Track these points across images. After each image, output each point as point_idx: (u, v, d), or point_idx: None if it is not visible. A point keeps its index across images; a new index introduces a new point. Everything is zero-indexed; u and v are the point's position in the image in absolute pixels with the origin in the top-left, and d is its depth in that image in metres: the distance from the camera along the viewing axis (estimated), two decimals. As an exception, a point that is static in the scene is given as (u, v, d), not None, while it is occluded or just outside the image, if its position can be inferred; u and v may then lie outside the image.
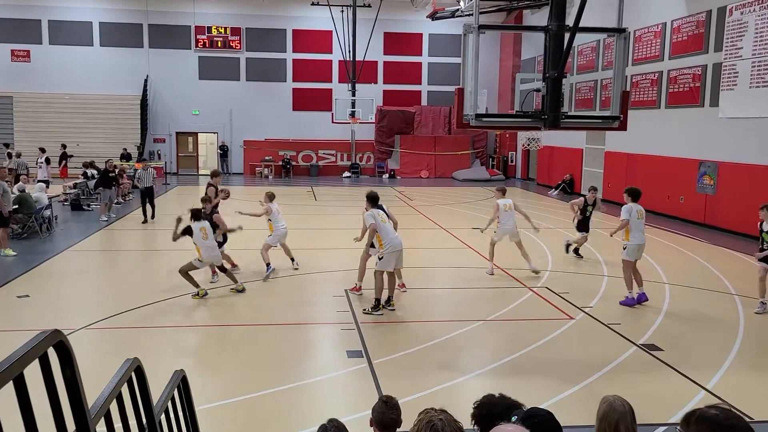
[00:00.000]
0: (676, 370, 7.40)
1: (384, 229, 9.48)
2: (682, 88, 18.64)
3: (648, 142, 20.13)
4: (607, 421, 3.39)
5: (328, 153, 33.03)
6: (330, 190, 26.77)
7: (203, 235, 9.97)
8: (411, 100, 33.39)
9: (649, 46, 20.31)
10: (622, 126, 7.67)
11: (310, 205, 22.27)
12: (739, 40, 16.17)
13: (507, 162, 32.67)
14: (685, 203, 18.32)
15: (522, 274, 11.77)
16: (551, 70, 7.25)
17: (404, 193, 25.31)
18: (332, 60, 32.57)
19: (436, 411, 3.00)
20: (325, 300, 10.30)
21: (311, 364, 7.65)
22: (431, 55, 33.27)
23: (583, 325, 9.12)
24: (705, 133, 17.52)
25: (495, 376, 7.35)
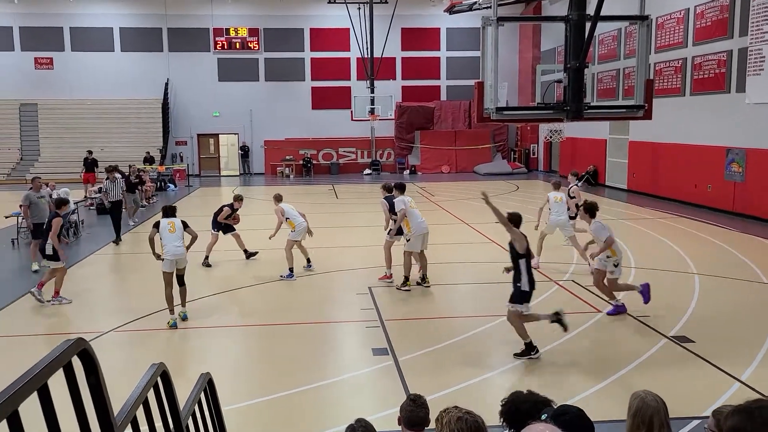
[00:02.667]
0: (708, 362, 7.26)
1: (412, 213, 10.39)
2: (707, 75, 18.29)
3: (673, 131, 19.80)
4: (640, 416, 3.32)
5: (348, 151, 33.04)
6: (351, 188, 26.78)
7: (170, 228, 9.20)
8: (430, 96, 33.25)
9: (672, 32, 19.95)
10: (647, 115, 7.54)
11: (332, 203, 22.30)
12: (765, 24, 15.80)
13: (529, 155, 32.38)
14: (712, 192, 17.99)
15: (548, 268, 11.63)
16: (572, 61, 7.14)
17: (426, 189, 25.22)
18: (350, 57, 32.56)
19: (457, 409, 2.98)
20: (349, 298, 10.28)
21: (337, 363, 7.64)
22: (449, 49, 33.09)
23: (612, 319, 8.99)
24: (732, 120, 17.18)
25: (523, 371, 7.27)
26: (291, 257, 11.45)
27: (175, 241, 9.07)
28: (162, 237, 9.07)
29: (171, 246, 9.01)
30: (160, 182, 26.18)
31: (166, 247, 9.04)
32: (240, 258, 12.81)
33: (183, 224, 9.21)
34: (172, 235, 9.06)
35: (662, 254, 12.95)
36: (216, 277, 11.78)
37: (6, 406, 0.99)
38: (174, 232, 9.11)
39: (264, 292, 10.55)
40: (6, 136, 30.65)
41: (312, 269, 12.04)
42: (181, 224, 9.19)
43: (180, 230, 9.17)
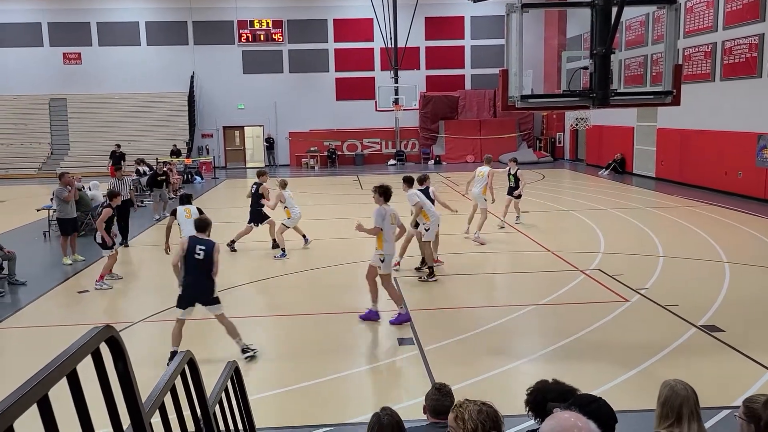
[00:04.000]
0: (739, 351, 7.14)
1: (428, 204, 10.59)
2: (737, 59, 17.89)
3: (702, 117, 19.42)
4: (669, 405, 3.30)
5: (372, 141, 33.03)
6: (376, 179, 26.71)
7: (187, 214, 9.92)
8: (454, 85, 33.05)
9: (701, 16, 19.54)
10: (676, 101, 7.40)
11: (357, 194, 22.33)
12: (798, 6, 15.41)
13: (555, 143, 32.04)
14: (743, 178, 17.64)
15: (574, 258, 11.53)
16: (599, 47, 7.04)
17: (450, 179, 25.12)
18: (374, 48, 32.49)
19: (473, 403, 2.98)
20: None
21: (363, 353, 7.68)
22: (474, 38, 32.83)
23: (639, 308, 8.89)
24: (764, 105, 16.78)
25: (548, 361, 7.23)
26: (282, 240, 12.26)
27: (190, 225, 9.11)
28: (180, 223, 9.44)
29: (188, 230, 9.06)
30: (186, 175, 26.48)
31: (184, 231, 9.26)
32: (265, 248, 12.92)
33: (198, 211, 9.43)
34: (189, 221, 9.35)
35: (691, 242, 12.76)
36: (242, 267, 11.89)
37: (36, 391, 1.02)
38: (190, 218, 9.35)
39: (290, 283, 10.64)
40: (37, 131, 31.24)
41: (309, 244, 12.95)
42: (196, 210, 9.44)
43: (196, 215, 9.26)
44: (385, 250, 8.37)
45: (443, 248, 12.05)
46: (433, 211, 10.70)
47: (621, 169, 24.64)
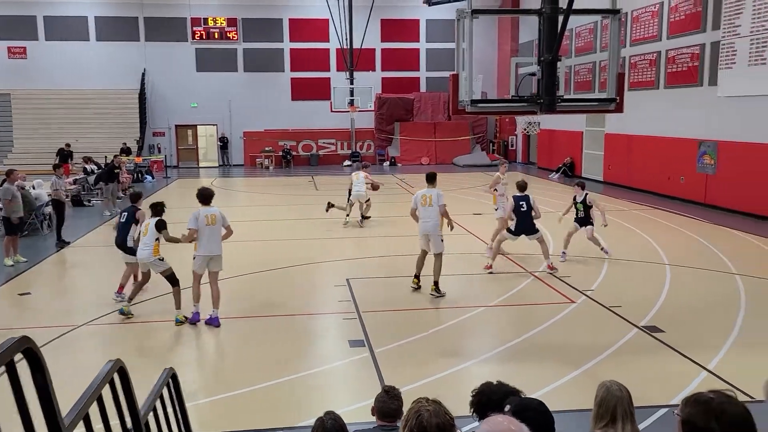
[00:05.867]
0: (677, 351, 7.39)
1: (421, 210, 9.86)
2: (680, 68, 18.51)
3: (648, 123, 20.03)
4: (604, 405, 3.40)
5: (328, 142, 32.95)
6: (331, 179, 26.73)
7: (144, 231, 8.90)
8: (410, 87, 33.25)
9: (647, 26, 20.15)
10: (619, 108, 7.62)
11: (312, 195, 22.25)
12: (737, 18, 16.03)
13: (507, 146, 32.56)
14: (685, 183, 18.26)
15: (523, 260, 11.74)
16: (546, 54, 7.20)
17: (405, 181, 25.26)
18: (330, 48, 32.43)
19: (427, 401, 3.00)
20: (327, 290, 10.31)
21: (313, 355, 7.66)
22: (429, 41, 33.09)
23: (585, 309, 9.12)
24: (704, 113, 17.41)
25: (497, 361, 7.36)
26: None
27: (146, 240, 8.78)
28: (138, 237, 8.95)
29: (139, 248, 8.88)
30: (137, 173, 25.92)
31: (139, 252, 8.89)
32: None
33: (157, 226, 8.81)
34: (144, 239, 8.81)
35: (635, 245, 13.14)
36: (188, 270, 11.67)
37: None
38: (146, 235, 8.81)
39: (240, 285, 10.52)
40: (-22, 127, 30.10)
41: None
42: (155, 225, 8.80)
43: (152, 232, 8.76)
44: (198, 251, 8.60)
45: (393, 249, 12.12)
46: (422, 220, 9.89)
47: (571, 172, 25.19)
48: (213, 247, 8.66)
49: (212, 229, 8.64)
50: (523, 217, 10.91)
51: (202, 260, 8.67)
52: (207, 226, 8.59)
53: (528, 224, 10.92)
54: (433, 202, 9.66)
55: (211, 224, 8.63)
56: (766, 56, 15.11)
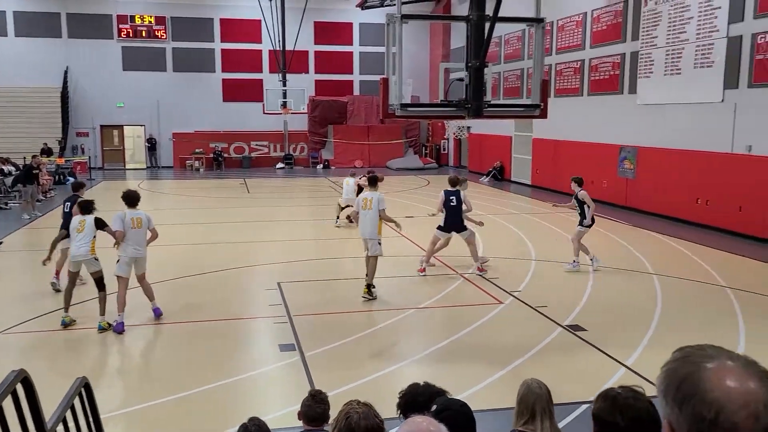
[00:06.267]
0: (598, 349, 7.69)
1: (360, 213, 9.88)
2: (602, 76, 19.27)
3: (573, 129, 20.74)
4: (524, 402, 3.50)
5: (260, 144, 32.56)
6: (263, 182, 26.44)
7: (79, 228, 8.55)
8: (343, 90, 33.26)
9: (571, 35, 20.88)
10: (543, 114, 7.87)
11: (243, 197, 21.94)
12: (653, 29, 16.83)
13: (439, 150, 33.04)
14: (607, 187, 18.99)
15: (454, 261, 11.93)
16: (473, 60, 7.35)
17: (338, 184, 25.24)
18: (262, 50, 32.06)
19: (358, 404, 3.04)
20: (258, 294, 10.20)
21: (243, 360, 7.55)
22: (362, 44, 33.19)
23: (512, 309, 9.35)
24: (625, 119, 18.19)
25: (428, 363, 7.46)
26: None
27: (79, 240, 8.46)
28: (71, 234, 8.60)
29: (73, 245, 8.57)
30: (58, 175, 24.86)
31: (73, 248, 8.56)
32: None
33: (97, 224, 8.52)
34: (78, 235, 8.48)
35: (561, 247, 13.55)
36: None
37: None
38: (81, 231, 8.46)
39: (168, 290, 10.25)
40: None
41: None
42: (93, 222, 8.50)
43: (90, 228, 8.46)
44: (122, 253, 8.53)
45: (325, 252, 12.10)
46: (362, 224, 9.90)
47: (500, 176, 25.79)
48: (138, 250, 8.56)
49: (138, 232, 8.56)
50: (452, 212, 11.03)
51: (127, 263, 8.53)
52: (132, 229, 8.53)
53: (457, 220, 11.03)
54: (372, 206, 9.70)
55: (137, 227, 8.54)
56: (680, 66, 15.92)
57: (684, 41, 15.76)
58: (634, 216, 17.21)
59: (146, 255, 8.75)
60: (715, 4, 14.76)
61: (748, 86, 14.02)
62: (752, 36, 13.82)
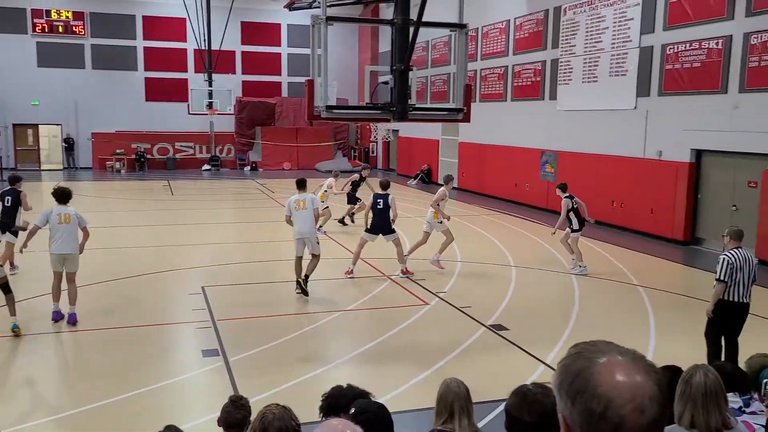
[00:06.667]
0: (519, 347, 7.91)
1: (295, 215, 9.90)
2: (525, 82, 19.85)
3: (497, 133, 21.26)
4: (443, 402, 3.56)
5: (185, 145, 31.75)
6: (188, 184, 25.80)
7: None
8: (271, 92, 32.88)
9: (495, 41, 21.41)
10: (466, 118, 8.03)
11: (167, 199, 21.34)
12: (572, 38, 17.49)
13: (369, 153, 33.17)
14: (530, 190, 19.58)
15: (382, 264, 11.99)
16: (398, 64, 7.43)
17: (266, 186, 24.95)
18: (187, 48, 31.29)
19: (276, 406, 3.04)
20: (181, 299, 9.95)
21: (164, 367, 7.34)
22: (291, 45, 32.91)
23: (438, 310, 9.50)
24: (546, 125, 18.80)
25: (353, 365, 7.48)
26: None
27: None
28: None
29: None
30: (-35, 177, 23.45)
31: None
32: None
33: None
34: None
35: (485, 248, 13.89)
36: (36, 278, 10.78)
37: None
38: None
39: (89, 295, 9.83)
40: None
41: None
42: None
43: None
44: (51, 249, 8.55)
45: (250, 256, 11.93)
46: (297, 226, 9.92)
47: (428, 179, 26.13)
48: (66, 247, 8.52)
49: (66, 228, 8.51)
50: (379, 215, 11.11)
51: (55, 259, 8.53)
52: (60, 225, 8.50)
53: (384, 223, 11.11)
54: (307, 206, 9.83)
55: (65, 222, 8.50)
56: (597, 74, 16.61)
57: (600, 50, 16.46)
58: (554, 218, 17.76)
59: (77, 253, 8.66)
60: (628, 15, 15.48)
61: (659, 94, 14.78)
62: (662, 47, 14.58)
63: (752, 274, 6.90)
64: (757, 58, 12.37)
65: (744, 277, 6.86)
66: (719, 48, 13.13)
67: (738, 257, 6.88)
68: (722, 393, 3.28)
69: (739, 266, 6.84)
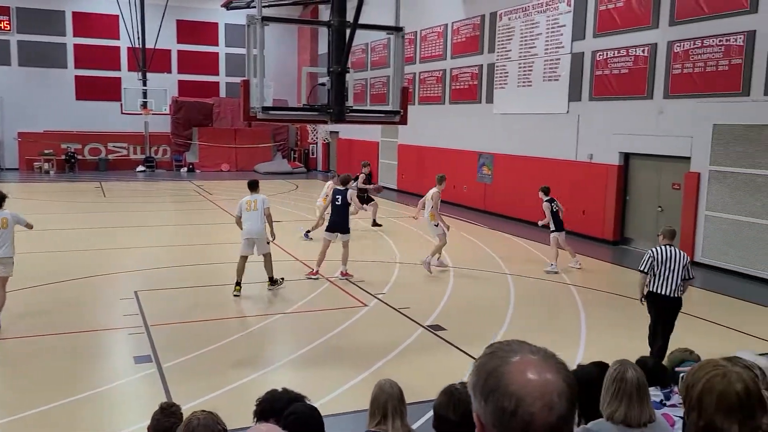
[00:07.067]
0: (457, 347, 8.02)
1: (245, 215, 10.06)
2: (462, 86, 20.17)
3: (436, 136, 21.51)
4: (376, 403, 3.58)
5: (119, 146, 30.80)
6: (121, 186, 25.05)
7: None
8: (209, 92, 32.27)
9: (433, 45, 21.67)
10: (403, 120, 8.10)
11: (99, 201, 20.66)
12: (508, 43, 17.89)
13: (308, 155, 32.98)
14: (468, 192, 19.89)
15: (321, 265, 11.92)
16: (335, 65, 7.43)
17: (203, 188, 24.48)
18: (120, 46, 30.37)
19: (202, 412, 3.01)
20: (113, 304, 9.66)
21: (94, 375, 7.09)
22: (228, 45, 32.39)
23: (377, 311, 9.54)
24: (483, 128, 19.15)
25: (291, 368, 7.42)
26: None
27: None
28: None
29: None
30: None
31: None
32: None
33: None
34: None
35: (424, 250, 14.00)
36: None
37: None
38: None
39: (15, 301, 9.37)
40: None
41: None
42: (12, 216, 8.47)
43: (11, 224, 8.42)
44: None
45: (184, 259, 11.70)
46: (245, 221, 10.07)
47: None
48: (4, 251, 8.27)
49: (3, 232, 8.32)
50: (336, 212, 11.07)
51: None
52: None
53: (341, 220, 11.05)
54: (258, 207, 9.97)
55: (2, 228, 8.29)
56: (531, 79, 17.03)
57: (534, 56, 16.89)
58: (492, 219, 18.14)
59: (12, 257, 8.43)
60: (560, 22, 15.95)
61: (590, 99, 15.28)
62: (592, 53, 15.08)
63: (682, 271, 7.17)
64: (680, 65, 12.95)
65: (669, 272, 7.16)
66: (645, 55, 13.69)
67: (662, 253, 7.23)
68: (647, 387, 3.42)
69: (661, 261, 7.19)
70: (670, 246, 7.33)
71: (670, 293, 7.19)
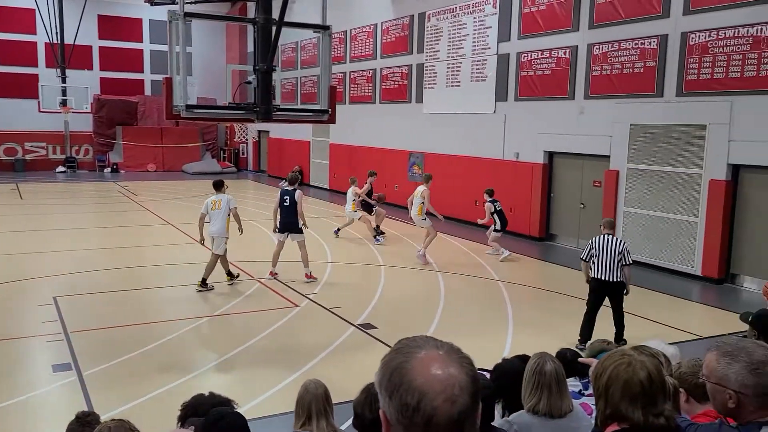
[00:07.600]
0: (387, 345, 8.06)
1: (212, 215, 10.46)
2: (393, 85, 20.30)
3: (367, 135, 21.56)
4: (301, 404, 3.57)
5: (37, 146, 29.44)
6: (40, 187, 23.94)
7: None
8: (133, 89, 31.26)
9: (364, 45, 21.71)
10: (331, 119, 8.08)
11: (15, 204, 19.68)
12: (436, 44, 18.12)
13: (238, 154, 32.43)
14: (399, 191, 20.01)
15: (251, 267, 11.77)
16: (261, 63, 7.34)
17: (129, 189, 23.69)
18: (37, 42, 29.01)
19: (112, 420, 2.95)
20: (30, 310, 9.22)
21: (8, 385, 6.75)
22: (153, 42, 31.46)
23: (308, 312, 9.48)
24: (413, 127, 19.33)
25: (219, 372, 7.29)
26: None
27: None
28: None
29: None
30: None
31: None
32: None
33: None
34: None
35: (356, 249, 14.05)
36: None
37: None
38: None
39: None
40: None
41: None
42: None
43: None
44: None
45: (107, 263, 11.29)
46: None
47: (301, 179, 26.00)
48: None
49: None
50: (285, 212, 10.93)
51: None
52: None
53: (291, 221, 10.90)
54: (222, 206, 10.35)
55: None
56: (459, 79, 17.31)
57: (462, 56, 17.17)
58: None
59: None
60: (486, 24, 16.28)
61: (515, 99, 15.67)
62: (517, 54, 15.47)
63: (618, 257, 7.79)
64: (599, 67, 13.45)
65: (605, 258, 7.81)
66: (567, 57, 14.15)
67: (599, 241, 7.90)
68: (565, 378, 3.53)
69: (598, 248, 7.85)
70: (609, 235, 7.92)
71: (609, 278, 7.84)
